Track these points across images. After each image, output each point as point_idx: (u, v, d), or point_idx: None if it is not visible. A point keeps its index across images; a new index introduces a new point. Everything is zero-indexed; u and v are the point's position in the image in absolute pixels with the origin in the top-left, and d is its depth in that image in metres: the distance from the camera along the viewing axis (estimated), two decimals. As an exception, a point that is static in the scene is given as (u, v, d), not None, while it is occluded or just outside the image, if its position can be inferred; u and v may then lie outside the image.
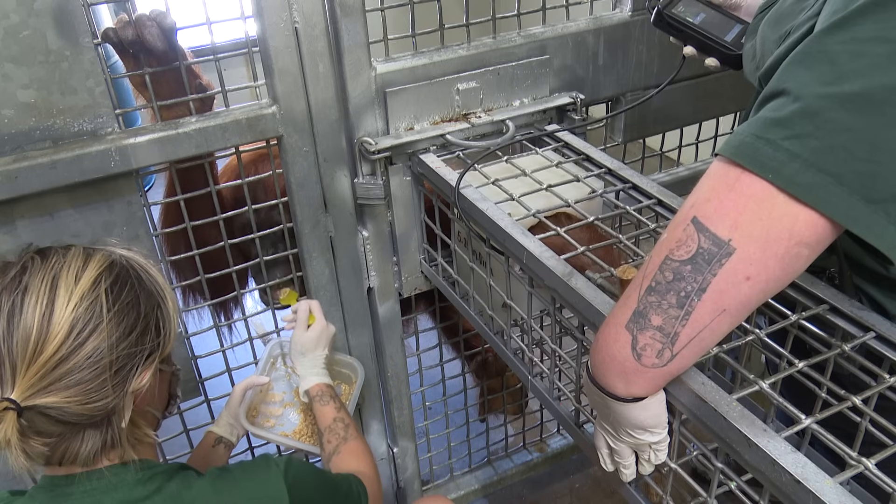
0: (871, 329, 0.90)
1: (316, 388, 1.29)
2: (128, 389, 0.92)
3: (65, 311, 0.87)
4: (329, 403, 1.28)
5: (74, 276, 0.90)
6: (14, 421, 0.84)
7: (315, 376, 1.32)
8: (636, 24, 1.60)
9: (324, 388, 1.30)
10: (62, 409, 0.86)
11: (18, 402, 0.85)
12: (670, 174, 1.85)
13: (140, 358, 0.94)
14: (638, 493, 1.03)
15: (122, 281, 0.94)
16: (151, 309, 0.97)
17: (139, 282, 0.97)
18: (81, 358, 0.87)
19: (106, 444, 0.93)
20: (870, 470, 0.74)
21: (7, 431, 0.84)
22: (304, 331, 1.35)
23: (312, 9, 1.25)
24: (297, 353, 1.35)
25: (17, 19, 1.08)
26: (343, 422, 1.27)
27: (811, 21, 0.76)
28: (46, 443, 0.89)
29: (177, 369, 1.12)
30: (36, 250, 0.94)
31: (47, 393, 0.85)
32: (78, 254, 0.93)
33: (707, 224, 0.72)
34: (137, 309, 0.94)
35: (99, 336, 0.88)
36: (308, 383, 1.30)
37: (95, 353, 0.88)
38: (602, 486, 2.13)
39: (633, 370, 0.79)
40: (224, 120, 1.26)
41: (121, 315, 0.91)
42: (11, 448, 0.86)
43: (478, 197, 1.21)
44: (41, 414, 0.86)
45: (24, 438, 0.87)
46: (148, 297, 0.97)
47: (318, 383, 1.30)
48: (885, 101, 0.66)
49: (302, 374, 1.32)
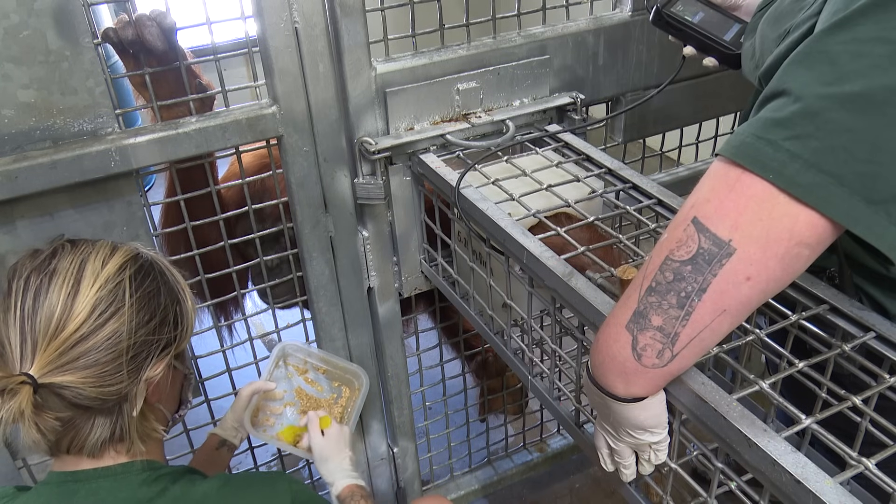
0: (872, 329, 0.90)
1: (346, 490, 1.26)
2: (142, 377, 0.94)
3: (89, 291, 0.90)
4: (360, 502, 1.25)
5: (101, 261, 0.94)
6: (30, 396, 0.86)
7: (343, 479, 1.28)
8: (636, 24, 1.60)
9: (354, 489, 1.26)
10: (76, 389, 0.88)
11: (36, 377, 0.86)
12: (670, 174, 1.85)
13: (156, 348, 0.96)
14: (638, 493, 1.03)
15: (146, 272, 0.98)
16: (171, 303, 1.00)
17: (162, 276, 1.00)
18: (101, 339, 0.89)
19: (115, 434, 0.94)
20: (870, 470, 0.74)
21: (22, 404, 0.86)
22: (318, 437, 1.33)
23: (312, 9, 1.25)
24: (319, 462, 1.32)
25: (17, 19, 1.08)
26: None
27: (811, 20, 0.76)
28: (59, 417, 0.90)
29: (189, 373, 1.13)
30: (67, 239, 0.98)
31: (64, 371, 0.88)
32: (106, 244, 0.98)
33: (707, 224, 0.72)
34: (158, 299, 0.97)
35: (119, 319, 0.91)
36: (338, 488, 1.27)
37: (115, 336, 0.90)
38: (602, 486, 2.13)
39: (634, 370, 0.79)
40: (224, 120, 1.26)
41: (142, 302, 0.94)
42: (24, 419, 0.87)
43: (478, 197, 1.21)
44: (55, 394, 0.88)
45: (38, 412, 0.89)
46: (169, 292, 1.00)
47: (348, 484, 1.27)
48: (885, 102, 0.66)
49: (330, 481, 1.29)
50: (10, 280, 0.93)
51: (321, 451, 1.33)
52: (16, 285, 0.91)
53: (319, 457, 1.33)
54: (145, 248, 1.03)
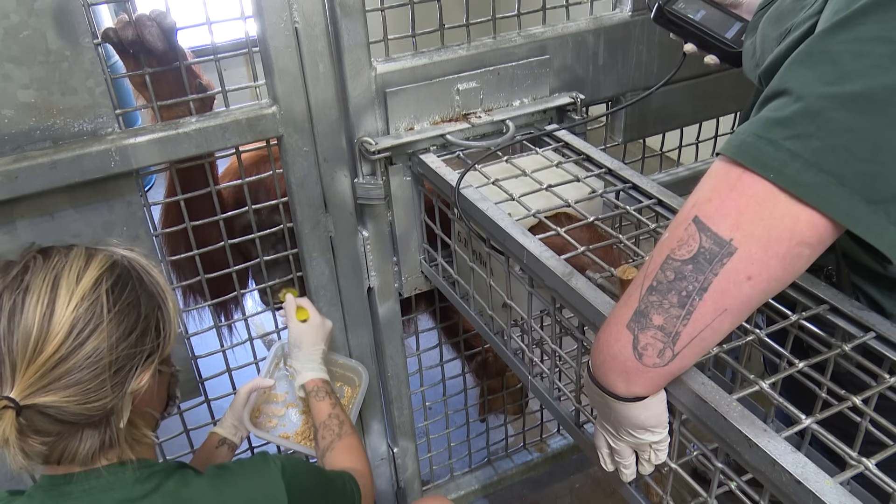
0: (871, 329, 0.90)
1: (312, 384, 1.28)
2: (127, 390, 0.92)
3: (66, 310, 0.87)
4: (325, 399, 1.27)
5: (76, 276, 0.90)
6: (13, 420, 0.84)
7: (311, 371, 1.30)
8: (636, 24, 1.60)
9: (319, 384, 1.29)
10: (61, 408, 0.86)
11: (17, 400, 0.85)
12: (670, 174, 1.85)
13: (140, 359, 0.94)
14: (638, 493, 1.03)
15: (124, 282, 0.94)
16: (152, 310, 0.97)
17: (140, 283, 0.97)
18: (81, 358, 0.87)
19: (104, 444, 0.93)
20: (870, 470, 0.74)
21: (6, 430, 0.84)
22: (295, 323, 1.34)
23: (312, 9, 1.25)
24: (292, 347, 1.34)
25: (17, 19, 1.08)
26: (338, 418, 1.26)
27: (812, 19, 0.76)
28: (45, 441, 0.89)
29: (176, 370, 1.11)
30: (38, 250, 0.94)
31: (46, 392, 0.85)
32: (80, 254, 0.93)
33: (708, 223, 0.72)
34: (138, 310, 0.94)
35: (99, 336, 0.88)
36: (304, 378, 1.29)
37: (95, 354, 0.88)
38: (602, 486, 2.14)
39: (635, 370, 0.79)
40: (224, 120, 1.26)
41: (121, 316, 0.91)
42: (10, 447, 0.86)
43: (478, 197, 1.21)
44: (40, 413, 0.86)
45: (23, 437, 0.87)
46: (149, 299, 0.97)
47: (313, 378, 1.29)
48: (886, 102, 0.66)
49: (298, 369, 1.31)
50: None
51: (297, 336, 1.33)
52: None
53: (294, 342, 1.33)
54: (120, 249, 0.99)
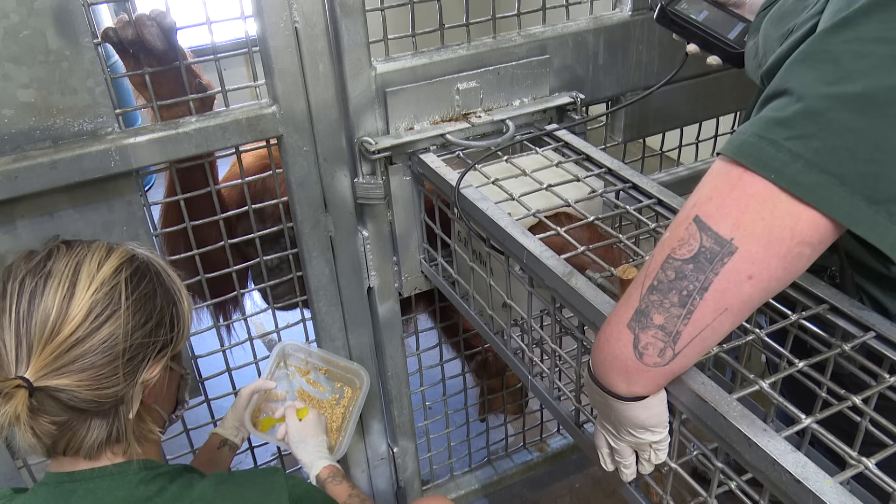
0: (872, 329, 0.90)
1: (325, 472, 1.30)
2: (138, 379, 0.94)
3: (85, 294, 0.90)
4: (342, 483, 1.28)
5: (97, 263, 0.93)
6: (25, 399, 0.86)
7: (321, 460, 1.32)
8: (636, 24, 1.60)
9: (333, 471, 1.31)
10: (72, 392, 0.88)
11: (31, 381, 0.86)
12: (670, 174, 1.85)
13: (153, 350, 0.96)
14: (638, 492, 1.03)
15: (142, 274, 0.97)
16: (167, 304, 0.99)
17: (158, 277, 1.00)
18: (97, 342, 0.89)
19: (111, 435, 0.94)
20: (870, 470, 0.74)
21: (18, 408, 0.86)
22: (295, 422, 1.37)
23: (312, 9, 1.25)
24: (297, 444, 1.35)
25: (17, 19, 1.08)
26: (359, 497, 1.27)
27: (814, 19, 0.76)
28: (55, 421, 0.90)
29: (186, 373, 1.13)
30: (62, 241, 0.98)
31: (60, 374, 0.87)
32: (102, 245, 0.97)
33: (709, 223, 0.72)
34: (154, 301, 0.97)
35: (115, 322, 0.91)
36: (317, 469, 1.31)
37: (110, 339, 0.90)
38: (602, 486, 2.14)
39: (635, 369, 0.79)
40: (224, 120, 1.26)
41: (138, 304, 0.94)
42: (20, 424, 0.87)
43: (478, 197, 1.21)
44: (51, 397, 0.88)
45: (34, 416, 0.89)
46: (165, 293, 1.00)
47: (326, 466, 1.31)
48: (887, 102, 0.66)
49: (308, 463, 1.33)
50: (4, 282, 0.92)
51: (298, 433, 1.35)
52: (10, 287, 0.91)
53: (296, 439, 1.35)
54: (141, 249, 1.02)
